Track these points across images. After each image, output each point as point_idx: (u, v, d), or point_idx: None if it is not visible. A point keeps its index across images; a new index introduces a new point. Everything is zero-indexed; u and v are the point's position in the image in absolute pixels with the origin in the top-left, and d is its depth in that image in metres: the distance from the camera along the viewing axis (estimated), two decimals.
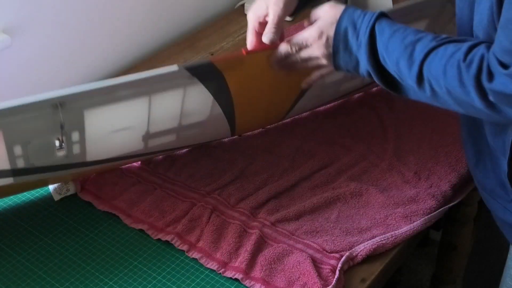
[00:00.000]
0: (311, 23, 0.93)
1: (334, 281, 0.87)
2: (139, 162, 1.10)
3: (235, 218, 1.00)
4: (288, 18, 1.02)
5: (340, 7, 0.90)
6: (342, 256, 0.92)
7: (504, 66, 0.73)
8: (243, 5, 1.65)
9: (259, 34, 0.98)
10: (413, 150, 1.15)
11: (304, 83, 1.01)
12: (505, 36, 0.73)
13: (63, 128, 0.90)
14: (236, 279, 0.90)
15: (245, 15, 1.60)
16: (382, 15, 0.87)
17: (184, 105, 0.99)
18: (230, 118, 1.05)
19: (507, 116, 0.76)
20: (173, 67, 0.94)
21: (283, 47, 0.95)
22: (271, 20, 0.96)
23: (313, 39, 0.91)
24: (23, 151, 0.90)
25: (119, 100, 0.94)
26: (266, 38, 0.97)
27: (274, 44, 0.96)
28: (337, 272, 0.89)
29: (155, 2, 1.46)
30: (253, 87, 1.05)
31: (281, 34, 0.98)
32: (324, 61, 0.92)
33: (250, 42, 0.99)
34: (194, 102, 1.00)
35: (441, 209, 1.02)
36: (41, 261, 0.95)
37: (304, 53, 0.94)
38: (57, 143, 0.91)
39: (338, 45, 0.89)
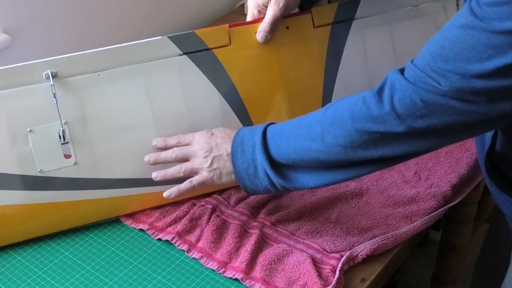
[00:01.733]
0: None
1: (334, 281, 0.87)
2: None
3: (235, 218, 1.00)
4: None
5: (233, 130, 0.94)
6: (342, 256, 0.92)
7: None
8: (243, 5, 1.65)
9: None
10: None
11: (168, 193, 0.97)
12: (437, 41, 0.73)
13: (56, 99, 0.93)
14: (236, 279, 0.90)
15: (245, 15, 1.60)
16: (271, 123, 0.90)
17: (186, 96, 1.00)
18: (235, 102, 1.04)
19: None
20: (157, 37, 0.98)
21: (171, 139, 0.97)
22: (268, 18, 1.01)
23: (198, 136, 0.95)
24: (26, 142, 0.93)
25: (112, 80, 0.96)
26: (259, 36, 1.02)
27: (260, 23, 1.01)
28: (337, 272, 0.89)
29: (155, 2, 1.46)
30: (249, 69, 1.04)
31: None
32: (199, 159, 0.93)
33: None
34: (195, 90, 1.01)
35: (441, 209, 1.02)
36: (41, 261, 0.95)
37: (185, 149, 0.95)
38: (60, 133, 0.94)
39: (235, 152, 0.90)
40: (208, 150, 0.93)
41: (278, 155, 0.86)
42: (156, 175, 0.96)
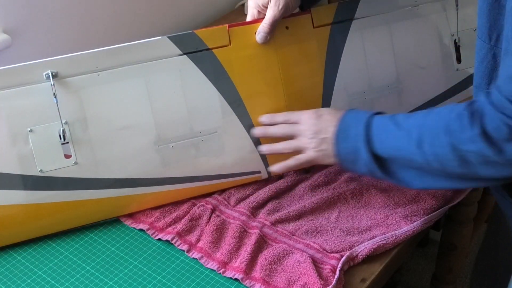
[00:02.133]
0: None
1: (334, 281, 0.87)
2: None
3: (235, 218, 1.00)
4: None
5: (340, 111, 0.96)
6: (342, 256, 0.92)
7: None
8: (243, 5, 1.65)
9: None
10: None
11: (276, 167, 1.02)
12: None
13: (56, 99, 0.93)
14: (236, 279, 0.90)
15: (245, 15, 1.60)
16: (378, 113, 0.91)
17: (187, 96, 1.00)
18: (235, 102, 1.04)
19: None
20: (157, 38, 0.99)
21: (279, 116, 1.00)
22: (267, 19, 1.01)
23: (307, 115, 0.97)
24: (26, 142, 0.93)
25: (113, 79, 0.96)
26: (259, 37, 1.03)
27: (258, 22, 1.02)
28: (337, 272, 0.89)
29: (155, 2, 1.46)
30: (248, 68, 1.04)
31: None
32: (306, 138, 0.96)
33: None
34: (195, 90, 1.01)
35: (441, 209, 1.02)
36: (41, 261, 0.95)
37: (293, 127, 0.99)
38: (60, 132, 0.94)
39: (339, 134, 0.92)
40: (315, 132, 0.95)
41: (381, 150, 0.88)
42: (265, 148, 1.03)
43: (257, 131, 1.03)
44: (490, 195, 1.69)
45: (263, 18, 1.02)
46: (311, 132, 0.96)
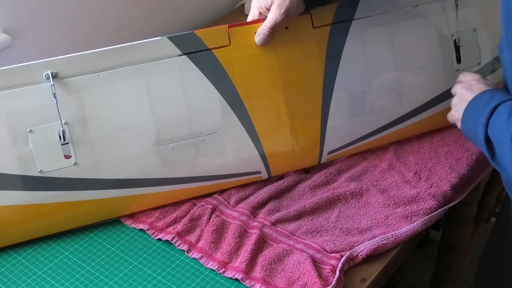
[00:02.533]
0: None
1: (334, 281, 0.87)
2: None
3: (235, 218, 1.00)
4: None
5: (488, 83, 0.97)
6: (342, 256, 0.92)
7: None
8: (243, 5, 1.65)
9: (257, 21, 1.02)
10: (413, 150, 1.15)
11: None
12: None
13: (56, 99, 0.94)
14: (236, 279, 0.90)
15: (245, 15, 1.60)
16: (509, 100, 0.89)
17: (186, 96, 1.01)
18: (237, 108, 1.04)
19: None
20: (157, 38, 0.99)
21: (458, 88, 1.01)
22: (268, 22, 1.01)
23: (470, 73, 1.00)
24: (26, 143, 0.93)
25: (113, 80, 0.96)
26: (258, 39, 1.03)
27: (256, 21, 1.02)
28: (337, 272, 0.89)
29: (155, 2, 1.46)
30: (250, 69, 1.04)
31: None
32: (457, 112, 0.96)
33: None
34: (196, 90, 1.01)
35: (441, 209, 1.02)
36: (41, 261, 0.95)
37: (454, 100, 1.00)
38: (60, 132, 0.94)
39: (466, 114, 0.93)
40: (460, 98, 0.97)
41: (490, 134, 0.87)
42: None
43: None
44: (490, 195, 1.69)
45: (264, 19, 1.02)
46: (457, 97, 0.98)
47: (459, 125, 0.97)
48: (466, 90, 0.97)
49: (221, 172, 1.04)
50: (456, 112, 0.97)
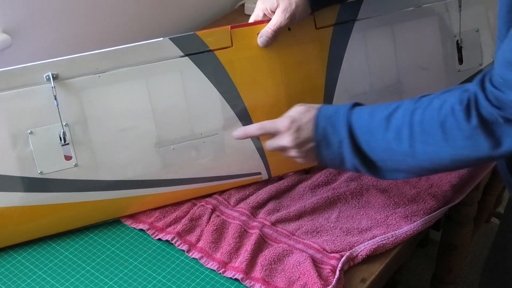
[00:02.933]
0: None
1: (334, 281, 0.87)
2: None
3: (235, 218, 1.00)
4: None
5: (313, 107, 0.92)
6: (342, 256, 0.92)
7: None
8: (243, 5, 1.65)
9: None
10: None
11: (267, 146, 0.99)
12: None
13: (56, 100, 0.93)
14: (236, 279, 0.90)
15: (245, 15, 1.60)
16: (356, 105, 0.89)
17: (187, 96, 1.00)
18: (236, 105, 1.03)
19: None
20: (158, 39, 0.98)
21: (251, 130, 0.97)
22: (272, 24, 1.01)
23: (284, 128, 0.92)
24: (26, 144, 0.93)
25: (114, 81, 0.96)
26: (261, 40, 1.02)
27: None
28: (337, 272, 0.89)
29: (155, 2, 1.46)
30: (251, 68, 1.04)
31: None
32: (292, 152, 0.93)
33: None
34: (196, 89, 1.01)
35: (441, 209, 1.02)
36: (41, 261, 0.95)
37: (273, 142, 0.95)
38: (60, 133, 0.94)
39: (319, 143, 0.90)
40: (300, 145, 0.92)
41: (369, 152, 0.87)
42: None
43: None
44: (490, 195, 1.69)
45: (267, 20, 1.01)
46: (294, 149, 0.93)
47: (292, 152, 0.93)
48: (297, 133, 0.92)
49: (222, 173, 1.04)
50: (304, 155, 0.93)
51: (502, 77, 0.72)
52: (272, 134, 0.96)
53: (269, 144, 0.96)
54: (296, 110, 0.93)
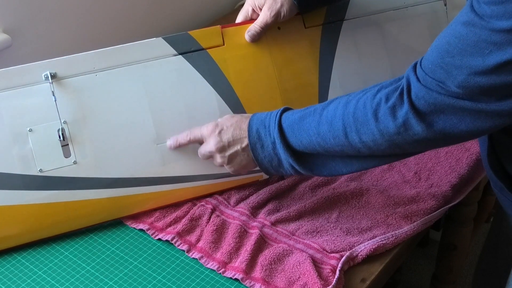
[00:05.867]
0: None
1: (334, 281, 0.87)
2: None
3: (235, 218, 1.00)
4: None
5: (244, 115, 0.95)
6: (342, 256, 0.92)
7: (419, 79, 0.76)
8: (242, 5, 1.65)
9: (249, 19, 1.06)
10: None
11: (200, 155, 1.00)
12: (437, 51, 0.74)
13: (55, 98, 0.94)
14: (236, 279, 0.90)
15: None
16: (286, 109, 0.91)
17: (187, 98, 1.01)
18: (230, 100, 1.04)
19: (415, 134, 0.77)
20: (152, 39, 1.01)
21: (181, 137, 0.99)
22: (259, 21, 1.05)
23: (207, 132, 0.95)
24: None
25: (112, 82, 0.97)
26: (248, 35, 1.05)
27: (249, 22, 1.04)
28: (337, 272, 0.89)
29: (155, 2, 1.46)
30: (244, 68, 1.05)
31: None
32: (218, 158, 0.95)
33: (238, 21, 1.07)
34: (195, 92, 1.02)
35: (441, 209, 1.02)
36: (41, 261, 0.95)
37: (200, 149, 0.97)
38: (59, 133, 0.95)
39: (255, 146, 0.91)
40: (221, 149, 0.94)
41: (301, 147, 0.88)
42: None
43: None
44: (490, 195, 1.69)
45: (255, 19, 1.05)
46: (218, 153, 0.95)
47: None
48: (219, 137, 0.94)
49: (221, 171, 1.04)
50: (229, 161, 0.95)
51: (432, 63, 0.74)
52: (199, 141, 0.98)
53: (199, 151, 0.99)
54: (223, 117, 0.97)
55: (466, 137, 0.77)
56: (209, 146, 0.95)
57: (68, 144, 0.96)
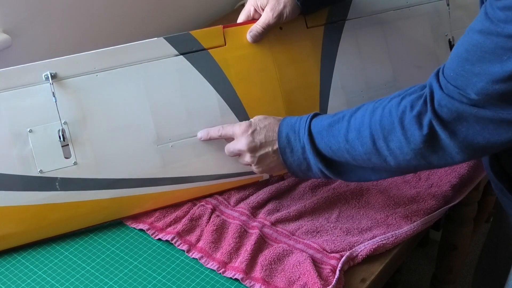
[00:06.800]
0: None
1: (334, 281, 0.87)
2: None
3: (235, 218, 1.00)
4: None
5: (275, 117, 0.96)
6: (342, 256, 0.92)
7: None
8: (243, 5, 1.65)
9: (251, 18, 1.06)
10: None
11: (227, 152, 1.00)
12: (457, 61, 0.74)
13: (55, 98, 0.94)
14: (236, 279, 0.90)
15: None
16: (316, 115, 0.92)
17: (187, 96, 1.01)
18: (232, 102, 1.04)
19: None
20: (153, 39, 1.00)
21: (213, 131, 0.99)
22: (261, 22, 1.04)
23: (240, 131, 0.95)
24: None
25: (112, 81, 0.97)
26: (250, 35, 1.05)
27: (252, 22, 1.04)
28: (337, 272, 0.89)
29: (155, 2, 1.46)
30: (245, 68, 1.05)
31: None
32: (247, 157, 0.96)
33: (240, 21, 1.06)
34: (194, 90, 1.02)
35: (441, 209, 1.02)
36: (41, 261, 0.95)
37: (230, 145, 0.98)
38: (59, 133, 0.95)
39: (284, 150, 0.92)
40: (253, 149, 0.94)
41: (330, 153, 0.88)
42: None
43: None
44: (490, 195, 1.69)
45: (257, 19, 1.04)
46: (249, 153, 0.95)
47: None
48: (252, 137, 0.94)
49: (222, 172, 1.04)
50: (258, 161, 0.95)
51: (453, 71, 0.74)
52: (230, 138, 0.98)
53: (227, 147, 0.99)
54: (256, 117, 0.97)
55: (493, 147, 0.76)
56: (241, 144, 0.95)
57: (68, 145, 0.96)
